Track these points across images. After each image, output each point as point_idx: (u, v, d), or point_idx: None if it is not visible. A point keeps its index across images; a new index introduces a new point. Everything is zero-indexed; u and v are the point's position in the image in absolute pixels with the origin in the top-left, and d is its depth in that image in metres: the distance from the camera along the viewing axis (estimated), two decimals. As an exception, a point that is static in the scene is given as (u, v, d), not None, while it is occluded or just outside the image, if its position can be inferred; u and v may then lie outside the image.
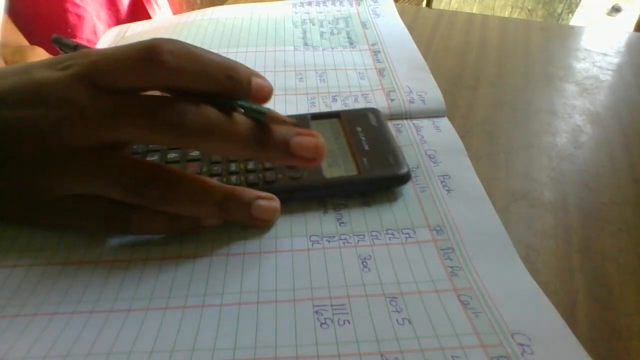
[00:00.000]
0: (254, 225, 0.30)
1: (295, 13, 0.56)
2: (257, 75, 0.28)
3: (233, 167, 0.32)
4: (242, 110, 0.27)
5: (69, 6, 0.65)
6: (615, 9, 2.57)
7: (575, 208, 0.32)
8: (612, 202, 0.33)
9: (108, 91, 0.26)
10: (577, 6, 2.15)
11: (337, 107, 0.40)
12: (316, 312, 0.25)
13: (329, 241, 0.29)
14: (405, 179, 0.32)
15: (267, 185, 0.31)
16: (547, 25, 0.57)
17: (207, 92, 0.27)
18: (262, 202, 0.29)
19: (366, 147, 0.34)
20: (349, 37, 0.51)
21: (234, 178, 0.32)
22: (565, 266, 0.28)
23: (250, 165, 0.32)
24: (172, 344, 0.24)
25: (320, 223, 0.30)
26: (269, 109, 0.27)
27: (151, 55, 0.25)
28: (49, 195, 0.28)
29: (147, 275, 0.28)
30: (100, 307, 0.26)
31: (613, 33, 0.54)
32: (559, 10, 2.15)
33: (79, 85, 0.26)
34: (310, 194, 0.32)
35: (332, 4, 0.58)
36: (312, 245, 0.29)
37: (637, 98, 0.43)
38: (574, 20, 2.20)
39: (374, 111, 0.38)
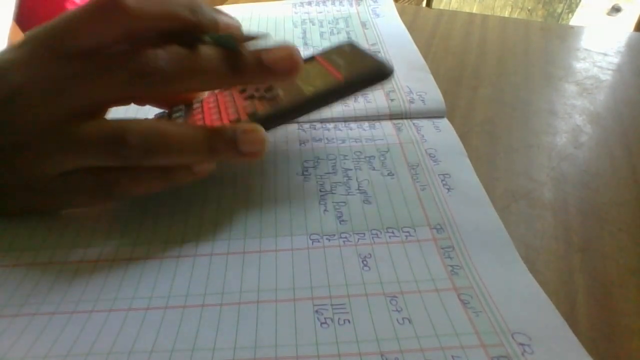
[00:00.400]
0: (245, 159, 0.28)
1: (295, 13, 0.56)
2: (222, 12, 0.28)
3: (215, 116, 0.32)
4: (210, 42, 0.27)
5: (69, 6, 0.65)
6: (615, 9, 2.57)
7: (575, 208, 0.32)
8: (612, 202, 0.33)
9: (70, 55, 0.25)
10: (577, 6, 2.15)
11: (336, 106, 0.40)
12: (316, 311, 0.25)
13: (329, 240, 0.29)
14: (388, 71, 0.31)
15: (250, 118, 0.30)
16: (547, 25, 0.57)
17: (172, 31, 0.26)
18: (248, 134, 0.28)
19: (342, 62, 0.33)
20: (348, 37, 0.51)
21: (215, 115, 0.31)
22: (565, 266, 0.28)
23: (232, 111, 0.32)
24: (172, 344, 0.24)
25: (320, 221, 0.30)
26: (235, 35, 0.27)
27: (111, 4, 0.24)
28: (36, 178, 0.28)
29: (147, 274, 0.28)
30: (100, 306, 0.26)
31: (613, 33, 0.54)
32: (559, 10, 2.15)
33: (37, 59, 0.25)
34: (296, 114, 0.31)
35: (331, 4, 0.58)
36: (312, 244, 0.29)
37: (637, 98, 0.43)
38: (574, 20, 2.20)
39: (349, 43, 0.36)
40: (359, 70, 0.32)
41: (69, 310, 0.26)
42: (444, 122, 0.39)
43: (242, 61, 0.27)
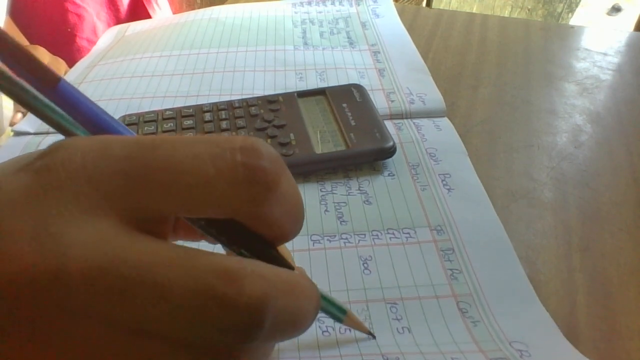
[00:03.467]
0: None
1: (295, 13, 0.56)
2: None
3: None
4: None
5: (69, 6, 0.65)
6: (615, 9, 2.57)
7: (575, 208, 0.32)
8: (612, 202, 0.33)
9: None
10: (577, 6, 2.15)
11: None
12: (317, 319, 0.25)
13: (330, 241, 0.29)
14: (391, 152, 0.34)
15: None
16: (547, 25, 0.57)
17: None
18: None
19: (352, 123, 0.35)
20: (348, 37, 0.51)
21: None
22: (565, 266, 0.28)
23: None
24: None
25: (321, 221, 0.31)
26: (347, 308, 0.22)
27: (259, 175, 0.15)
28: None
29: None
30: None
31: (613, 33, 0.54)
32: (559, 10, 2.15)
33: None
34: (303, 168, 0.33)
35: (331, 4, 0.58)
36: (313, 244, 0.29)
37: (637, 98, 0.43)
38: (574, 20, 2.19)
39: (358, 87, 0.39)
40: (367, 144, 0.34)
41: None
42: (445, 121, 0.39)
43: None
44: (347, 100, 0.37)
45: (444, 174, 0.34)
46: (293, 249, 0.29)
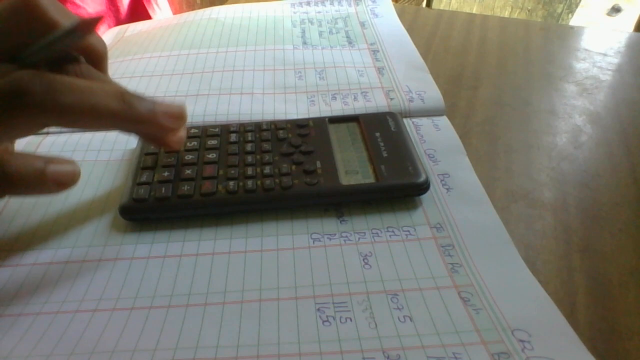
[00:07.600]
0: (161, 132, 0.27)
1: (294, 13, 0.57)
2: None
3: (250, 171, 0.32)
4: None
5: (69, 6, 0.65)
6: (615, 9, 2.57)
7: (575, 208, 0.32)
8: (612, 202, 0.33)
9: None
10: (577, 6, 2.15)
11: (336, 105, 0.41)
12: (318, 309, 0.25)
13: (330, 239, 0.29)
14: (424, 188, 0.31)
15: (283, 191, 0.31)
16: (547, 25, 0.57)
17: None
18: (170, 117, 0.26)
19: (385, 154, 0.33)
20: (347, 37, 0.51)
21: (250, 182, 0.31)
22: (565, 266, 0.28)
23: (267, 170, 0.32)
24: (175, 342, 0.24)
25: (321, 221, 0.31)
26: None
27: None
28: None
29: (150, 273, 0.28)
30: (103, 305, 0.26)
31: (613, 33, 0.54)
32: (559, 10, 2.15)
33: None
34: (327, 200, 0.32)
35: (330, 4, 0.58)
36: (314, 242, 0.29)
37: (637, 98, 0.43)
38: (574, 20, 2.19)
39: (393, 116, 0.37)
40: (398, 178, 0.31)
41: (72, 309, 0.26)
42: (444, 120, 0.39)
43: (136, 104, 0.25)
44: (380, 129, 0.36)
45: (443, 174, 0.34)
46: (294, 247, 0.29)
